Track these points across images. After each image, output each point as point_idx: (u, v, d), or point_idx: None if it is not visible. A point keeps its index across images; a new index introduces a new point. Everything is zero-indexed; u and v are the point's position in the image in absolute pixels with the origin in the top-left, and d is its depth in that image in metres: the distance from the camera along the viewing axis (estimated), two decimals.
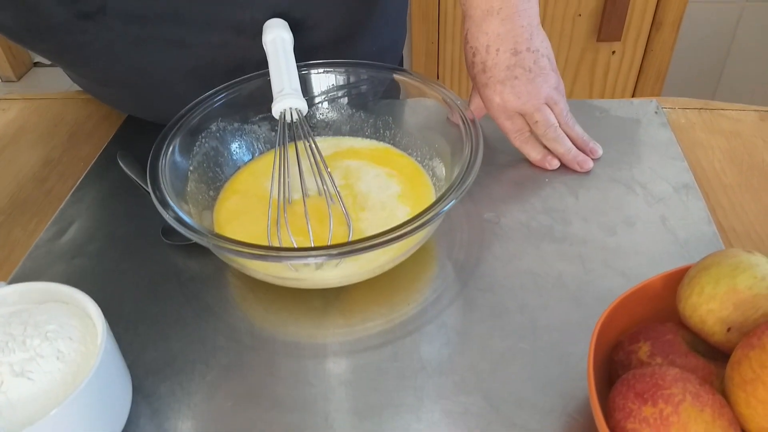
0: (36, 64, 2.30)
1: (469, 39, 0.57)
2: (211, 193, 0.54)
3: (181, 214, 0.44)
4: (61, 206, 0.59)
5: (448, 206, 0.44)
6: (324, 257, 0.41)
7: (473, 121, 0.50)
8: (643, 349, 0.38)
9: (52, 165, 0.65)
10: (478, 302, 0.49)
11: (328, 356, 0.46)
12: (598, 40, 1.44)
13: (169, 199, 0.45)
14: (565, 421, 0.41)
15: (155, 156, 0.49)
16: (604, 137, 0.63)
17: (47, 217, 0.59)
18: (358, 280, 0.49)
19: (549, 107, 0.58)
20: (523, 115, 0.58)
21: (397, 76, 0.56)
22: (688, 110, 0.67)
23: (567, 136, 0.59)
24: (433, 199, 0.54)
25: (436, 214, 0.43)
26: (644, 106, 0.67)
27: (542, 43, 0.57)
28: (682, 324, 0.39)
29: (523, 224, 0.55)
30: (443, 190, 0.45)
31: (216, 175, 0.55)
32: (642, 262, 0.51)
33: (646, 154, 0.61)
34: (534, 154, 0.59)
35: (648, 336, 0.38)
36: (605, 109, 0.67)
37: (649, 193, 0.57)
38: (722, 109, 0.67)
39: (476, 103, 0.61)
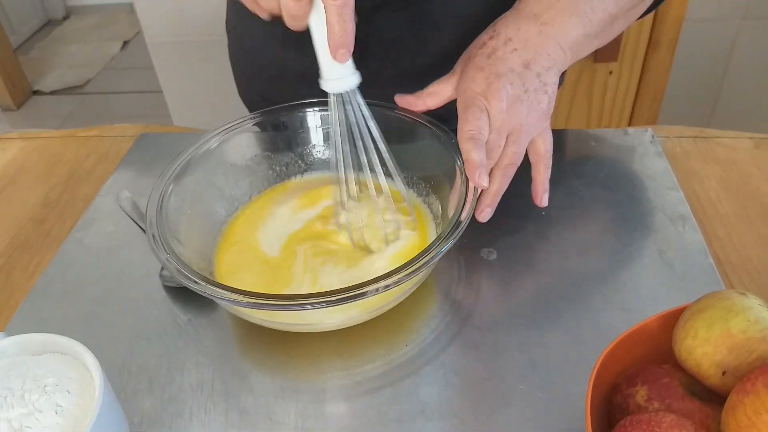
0: (35, 93, 2.32)
1: (499, 23, 0.53)
2: (209, 237, 0.55)
3: (172, 260, 0.44)
4: (60, 248, 0.60)
5: (446, 247, 0.44)
6: (323, 305, 0.41)
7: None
8: (640, 393, 0.37)
9: (51, 206, 0.66)
10: (476, 341, 0.49)
11: (327, 400, 0.46)
12: (595, 60, 1.45)
13: (164, 242, 0.46)
14: None
15: (154, 197, 0.50)
16: (600, 167, 0.63)
17: (46, 259, 0.59)
18: (359, 323, 0.49)
19: (523, 142, 0.53)
20: (496, 130, 0.51)
21: (392, 113, 0.57)
22: (683, 138, 0.68)
23: (537, 173, 0.55)
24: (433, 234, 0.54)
25: (436, 255, 0.43)
26: (640, 136, 0.67)
27: (553, 85, 0.53)
28: (679, 365, 0.39)
29: (521, 259, 0.55)
30: (441, 228, 0.46)
31: (212, 217, 0.56)
32: (641, 297, 0.51)
33: (643, 185, 0.61)
34: (476, 155, 0.48)
35: (645, 379, 0.38)
36: (601, 138, 0.67)
37: (645, 226, 0.57)
38: (717, 137, 0.67)
39: (442, 85, 0.55)
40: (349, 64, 0.48)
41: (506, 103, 0.50)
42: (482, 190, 0.49)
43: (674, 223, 0.57)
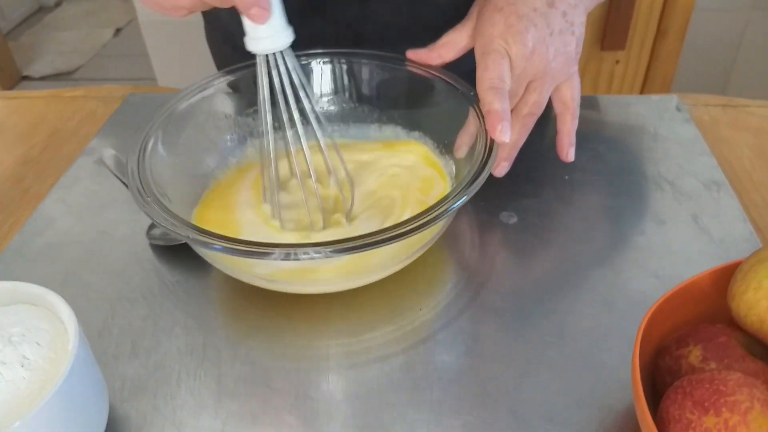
0: (25, 78, 2.26)
1: None
2: (197, 190, 0.50)
3: (156, 207, 0.39)
4: (39, 206, 0.54)
5: (458, 203, 0.39)
6: (320, 255, 0.36)
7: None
8: (694, 353, 0.33)
9: (30, 164, 0.61)
10: (497, 307, 0.44)
11: (331, 368, 0.41)
12: (602, 48, 1.41)
13: (147, 190, 0.41)
14: None
15: (137, 145, 0.45)
16: (625, 132, 0.59)
17: (23, 219, 0.54)
18: (362, 284, 0.44)
19: (547, 89, 0.48)
20: (516, 76, 0.46)
21: (409, 68, 0.52)
22: (710, 107, 0.63)
23: (563, 124, 0.50)
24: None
25: (445, 212, 0.38)
26: (664, 102, 0.63)
27: (581, 25, 0.48)
28: (734, 325, 0.35)
29: (543, 225, 0.50)
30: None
31: (202, 170, 0.51)
32: (676, 263, 0.46)
33: (672, 150, 0.57)
34: (498, 106, 0.43)
35: (698, 338, 0.34)
36: (625, 104, 0.63)
37: (678, 190, 0.52)
38: (746, 106, 0.63)
39: (457, 34, 0.49)
40: (276, 21, 0.42)
41: (530, 47, 0.45)
42: (510, 143, 0.45)
43: (708, 188, 0.52)
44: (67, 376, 0.31)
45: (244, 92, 0.52)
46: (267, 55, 0.44)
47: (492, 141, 0.43)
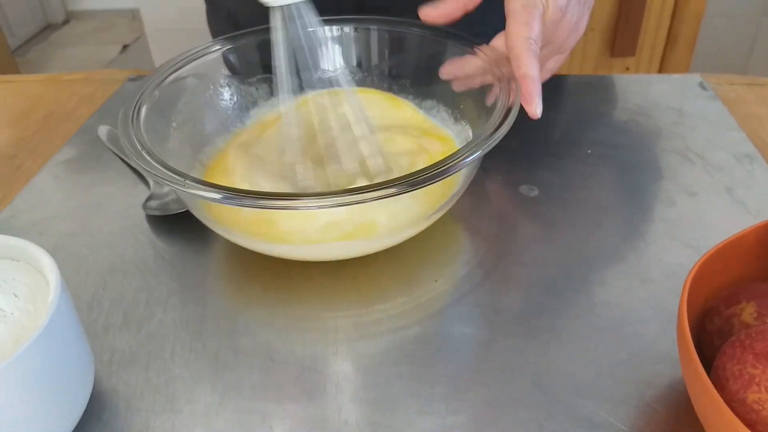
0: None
1: None
2: (198, 156, 0.47)
3: (151, 159, 0.36)
4: (30, 182, 0.52)
5: (476, 154, 0.35)
6: (326, 205, 0.33)
7: (509, 80, 0.42)
8: (747, 311, 0.29)
9: (23, 143, 0.58)
10: (518, 277, 0.40)
11: (340, 340, 0.37)
12: (612, 55, 1.39)
13: (141, 143, 0.38)
14: (643, 412, 0.32)
15: (133, 101, 0.42)
16: (649, 107, 0.56)
17: (14, 194, 0.51)
18: (374, 249, 0.40)
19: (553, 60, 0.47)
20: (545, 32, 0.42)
21: (418, 31, 0.49)
22: (736, 85, 0.61)
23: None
24: None
25: (461, 161, 0.34)
26: (687, 81, 0.60)
27: (591, 4, 0.46)
28: None
29: (566, 197, 0.47)
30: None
31: (202, 138, 0.48)
32: (710, 234, 0.43)
33: (699, 125, 0.54)
34: (535, 71, 0.40)
35: (750, 295, 0.30)
36: (645, 83, 0.60)
37: (708, 163, 0.49)
38: None
39: None
40: None
41: (562, 11, 0.42)
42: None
43: (740, 161, 0.49)
44: (46, 328, 0.28)
45: (247, 60, 0.49)
46: (283, 8, 0.41)
47: (513, 101, 0.39)
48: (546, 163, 0.50)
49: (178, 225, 0.46)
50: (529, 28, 0.40)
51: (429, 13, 0.45)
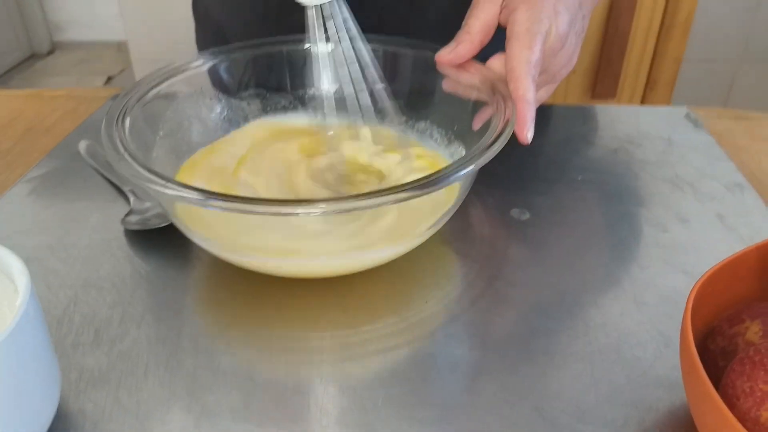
0: None
1: None
2: (181, 164, 0.45)
3: (132, 161, 0.35)
4: (5, 193, 0.49)
5: (468, 169, 0.34)
6: (315, 211, 0.32)
7: (504, 99, 0.42)
8: (752, 329, 0.28)
9: (0, 155, 0.56)
10: (511, 299, 0.39)
11: (326, 361, 0.35)
12: (593, 97, 1.42)
13: (125, 145, 0.36)
14: None
15: (119, 107, 0.41)
16: (637, 137, 0.56)
17: None
18: (362, 266, 0.39)
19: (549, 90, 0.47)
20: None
21: (411, 51, 0.49)
22: (724, 119, 0.61)
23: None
24: None
25: (459, 171, 0.33)
26: (673, 113, 0.61)
27: (584, 29, 0.45)
28: None
29: (558, 221, 0.46)
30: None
31: (189, 147, 0.46)
32: (704, 260, 0.42)
33: (688, 155, 0.54)
34: (531, 95, 0.39)
35: (755, 314, 0.29)
36: (634, 114, 0.61)
37: (699, 192, 0.49)
38: (762, 118, 0.61)
39: (487, 14, 0.43)
40: None
41: (563, 41, 0.41)
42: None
43: (731, 190, 0.49)
44: (9, 334, 0.25)
45: (237, 74, 0.49)
46: (321, 6, 0.40)
47: (509, 117, 0.39)
48: (537, 188, 0.50)
49: (158, 241, 0.44)
50: (531, 52, 0.39)
51: (445, 57, 0.44)
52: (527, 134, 0.39)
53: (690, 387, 0.27)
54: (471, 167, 0.34)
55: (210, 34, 0.64)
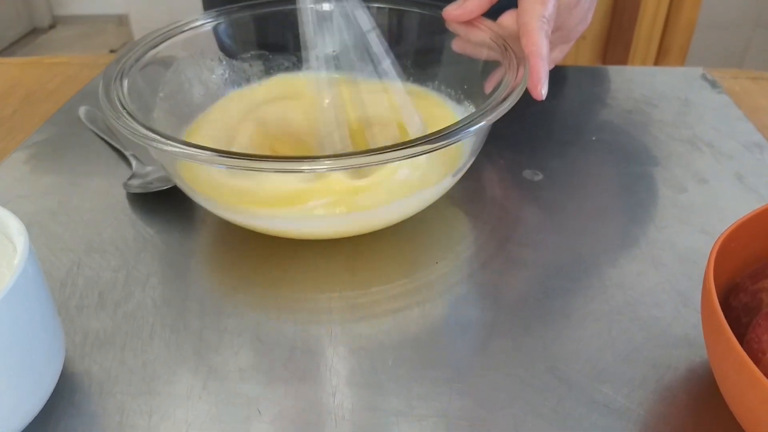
0: None
1: None
2: (183, 128, 0.44)
3: (132, 120, 0.34)
4: (5, 160, 0.49)
5: (478, 125, 0.33)
6: (325, 167, 0.30)
7: (517, 57, 0.40)
8: None
9: (0, 123, 0.55)
10: (524, 260, 0.38)
11: (335, 321, 0.35)
12: (603, 64, 1.39)
13: (123, 104, 0.35)
14: (662, 396, 0.30)
15: (118, 65, 0.39)
16: (654, 98, 0.54)
17: None
18: (374, 228, 0.38)
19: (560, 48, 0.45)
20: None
21: (417, 9, 0.47)
22: (741, 79, 0.59)
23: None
24: None
25: (463, 128, 0.32)
26: (689, 73, 0.59)
27: None
28: None
29: (572, 182, 0.45)
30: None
31: (190, 111, 0.45)
32: (724, 219, 0.41)
33: (706, 115, 0.52)
34: (545, 51, 0.37)
35: None
36: (649, 74, 0.59)
37: (718, 151, 0.47)
38: None
39: None
40: None
41: None
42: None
43: (750, 150, 0.48)
44: (8, 293, 0.25)
45: (240, 35, 0.47)
46: None
47: (521, 78, 0.37)
48: (550, 149, 0.48)
49: (161, 204, 0.43)
50: (543, 6, 0.38)
51: (453, 12, 0.43)
52: (541, 90, 0.37)
53: (712, 343, 0.26)
54: (482, 123, 0.33)
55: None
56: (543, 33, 0.38)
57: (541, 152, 0.48)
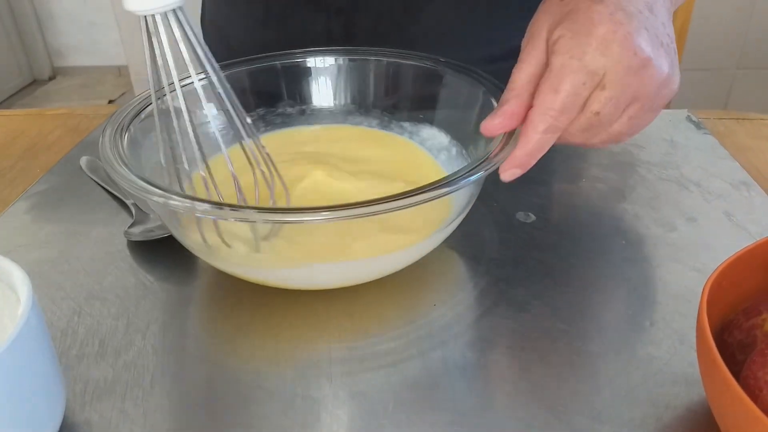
0: None
1: None
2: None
3: (128, 171, 0.34)
4: (7, 209, 0.49)
5: (476, 176, 0.33)
6: (321, 218, 0.31)
7: None
8: None
9: (2, 173, 0.56)
10: (522, 301, 0.39)
11: (334, 367, 0.35)
12: None
13: (120, 160, 0.36)
14: None
15: (119, 119, 0.40)
16: (640, 139, 0.56)
17: None
18: (373, 278, 0.38)
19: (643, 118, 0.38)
20: (615, 99, 0.34)
21: (412, 60, 0.49)
22: (725, 120, 0.61)
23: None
24: None
25: (462, 179, 0.33)
26: (675, 115, 0.61)
27: (674, 39, 0.37)
28: None
29: (565, 223, 0.46)
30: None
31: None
32: (715, 257, 0.41)
33: (692, 155, 0.54)
34: (532, 146, 0.35)
35: None
36: None
37: (706, 191, 0.49)
38: (762, 119, 0.61)
39: (531, 67, 0.36)
40: None
41: (641, 57, 0.33)
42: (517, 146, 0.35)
43: (737, 188, 0.49)
44: (11, 343, 0.25)
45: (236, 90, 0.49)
46: (149, 18, 0.33)
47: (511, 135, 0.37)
48: (541, 192, 0.49)
49: (161, 252, 0.43)
50: (554, 96, 0.34)
51: (493, 126, 0.37)
52: (504, 176, 0.36)
53: (709, 381, 0.26)
54: (485, 169, 0.34)
55: (215, 40, 0.64)
56: (542, 127, 0.34)
57: (532, 195, 0.49)
